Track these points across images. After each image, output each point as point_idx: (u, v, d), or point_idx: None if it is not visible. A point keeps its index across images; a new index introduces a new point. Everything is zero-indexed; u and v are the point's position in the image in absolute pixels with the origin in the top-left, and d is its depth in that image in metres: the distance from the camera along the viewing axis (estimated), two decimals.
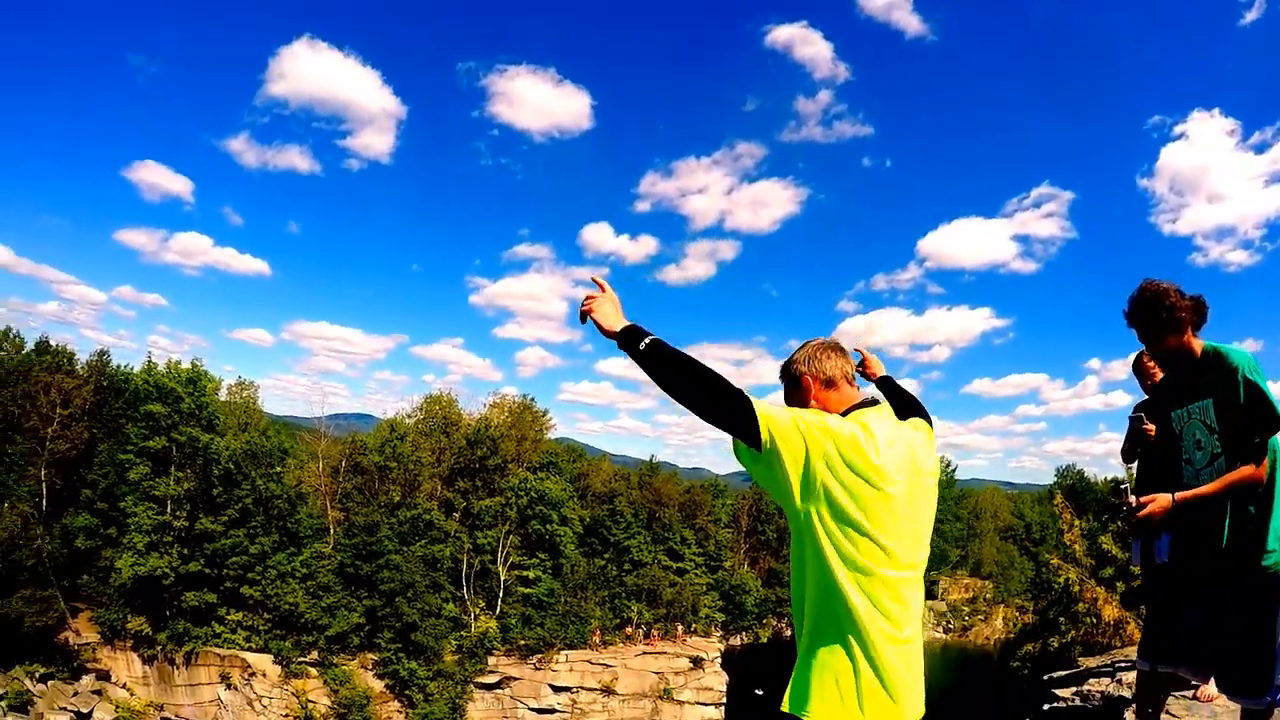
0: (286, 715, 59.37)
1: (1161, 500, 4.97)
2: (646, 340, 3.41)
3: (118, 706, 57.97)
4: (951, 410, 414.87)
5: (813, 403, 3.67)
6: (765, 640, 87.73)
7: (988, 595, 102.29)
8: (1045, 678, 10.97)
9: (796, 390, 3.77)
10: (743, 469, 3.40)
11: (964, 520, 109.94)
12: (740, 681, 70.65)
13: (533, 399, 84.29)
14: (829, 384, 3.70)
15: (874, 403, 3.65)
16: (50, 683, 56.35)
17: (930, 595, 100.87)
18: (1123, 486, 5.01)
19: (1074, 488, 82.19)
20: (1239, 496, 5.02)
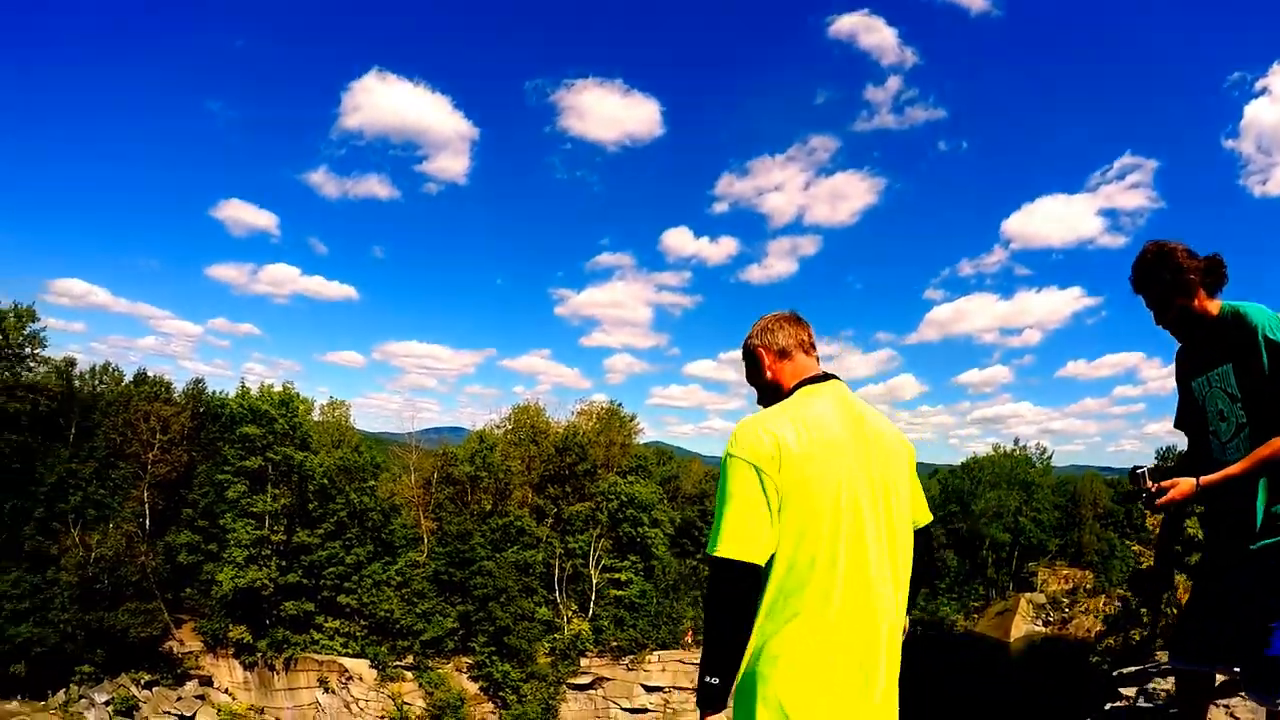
0: (382, 717, 60.29)
1: (1183, 485, 4.53)
2: (713, 680, 3.12)
3: (219, 710, 60.09)
4: (1046, 395, 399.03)
5: (768, 374, 3.72)
6: None
7: (1088, 585, 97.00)
8: (1115, 674, 10.02)
9: (753, 364, 3.80)
10: None
11: (1063, 508, 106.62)
12: None
13: (620, 404, 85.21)
14: (782, 354, 3.71)
15: (825, 378, 3.61)
16: (155, 689, 59.20)
17: (1028, 587, 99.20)
18: (1140, 471, 4.63)
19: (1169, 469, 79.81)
20: (1274, 472, 4.42)
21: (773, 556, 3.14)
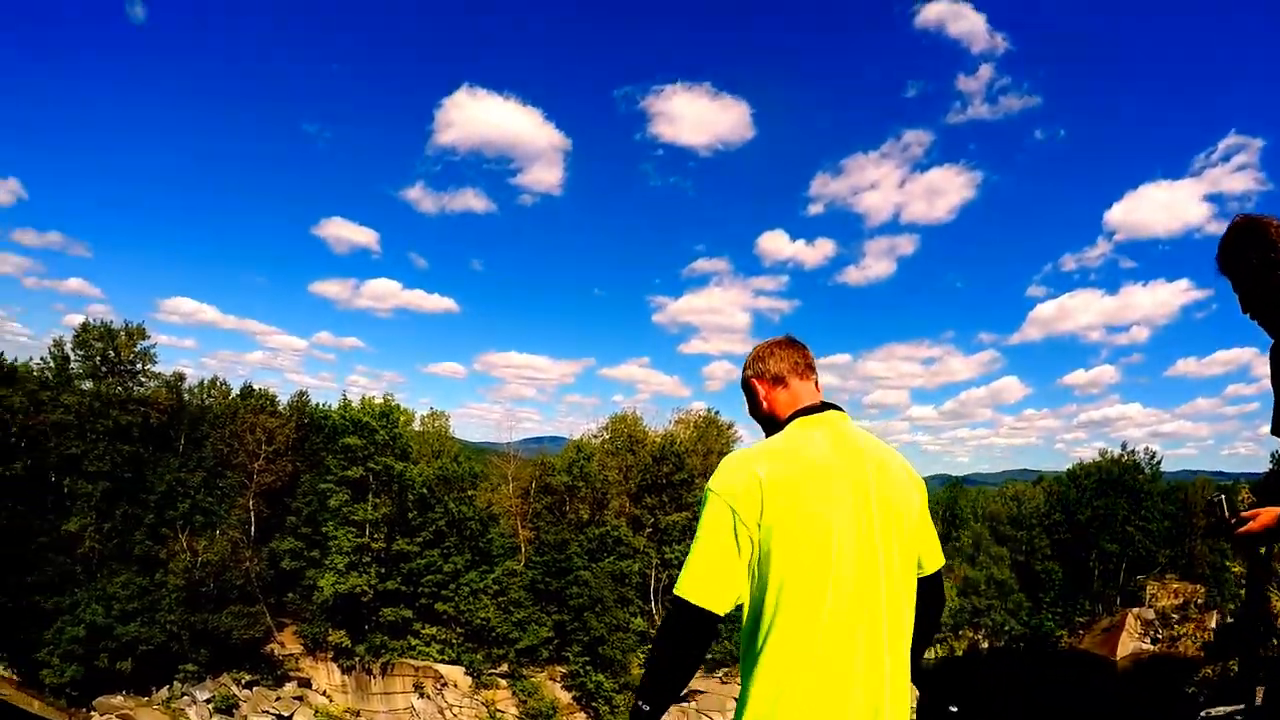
0: None
1: (1266, 515, 3.71)
2: (644, 706, 3.10)
3: (316, 711, 61.17)
4: (1156, 395, 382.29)
5: (764, 405, 3.54)
6: (961, 653, 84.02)
7: (1199, 600, 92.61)
8: (1203, 715, 8.39)
9: (750, 397, 3.63)
10: (938, 473, 3.16)
11: (1173, 517, 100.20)
12: (932, 697, 67.48)
13: (717, 412, 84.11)
14: (776, 381, 3.53)
15: (822, 408, 3.40)
16: (255, 689, 60.79)
17: (1136, 601, 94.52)
18: (1216, 500, 3.95)
19: None
20: None
21: (759, 605, 3.01)
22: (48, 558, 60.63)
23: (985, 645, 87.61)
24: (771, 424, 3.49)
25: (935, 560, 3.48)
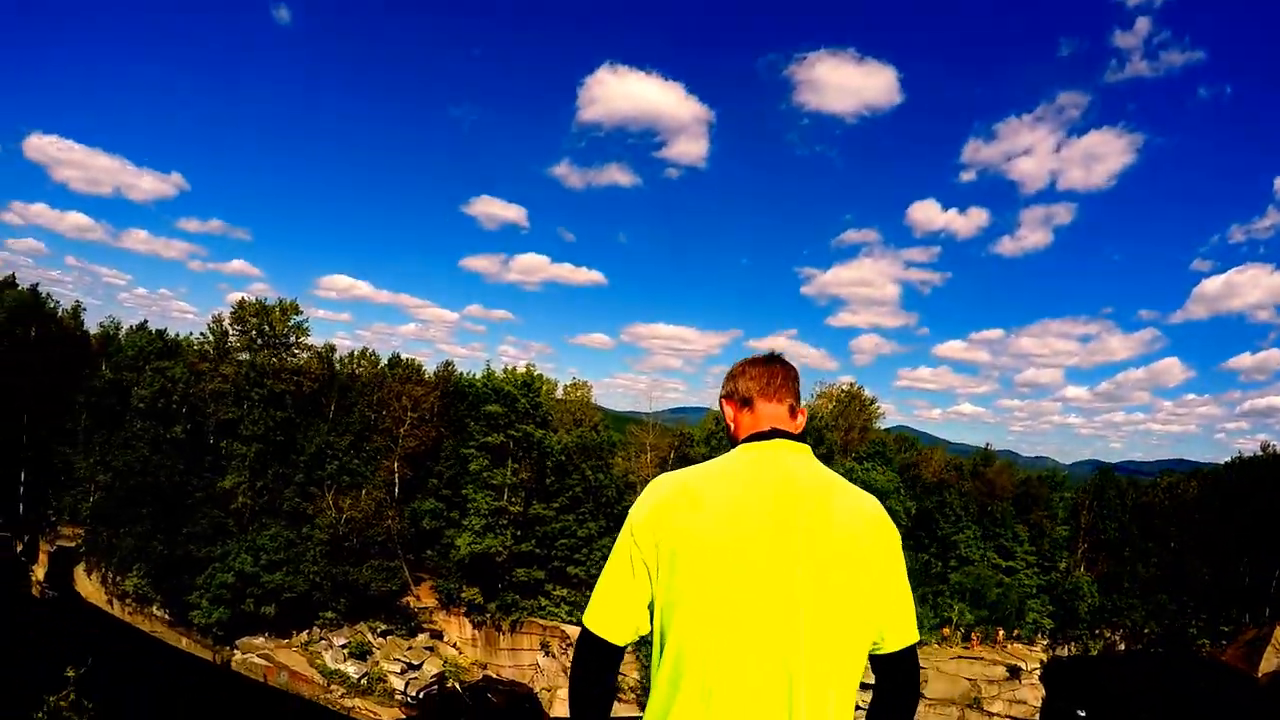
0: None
1: None
2: None
3: (445, 661, 62.36)
4: None
5: (730, 426, 3.33)
6: (1096, 653, 79.79)
7: None
8: None
9: (725, 416, 3.42)
10: (1089, 459, 2.93)
11: None
12: (1058, 697, 64.29)
13: (861, 387, 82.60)
14: (744, 403, 3.28)
15: (770, 435, 3.13)
16: (389, 637, 62.52)
17: None
18: None
19: None
20: None
21: (657, 633, 2.90)
22: (203, 511, 63.50)
23: (1122, 646, 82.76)
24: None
25: (903, 635, 3.00)
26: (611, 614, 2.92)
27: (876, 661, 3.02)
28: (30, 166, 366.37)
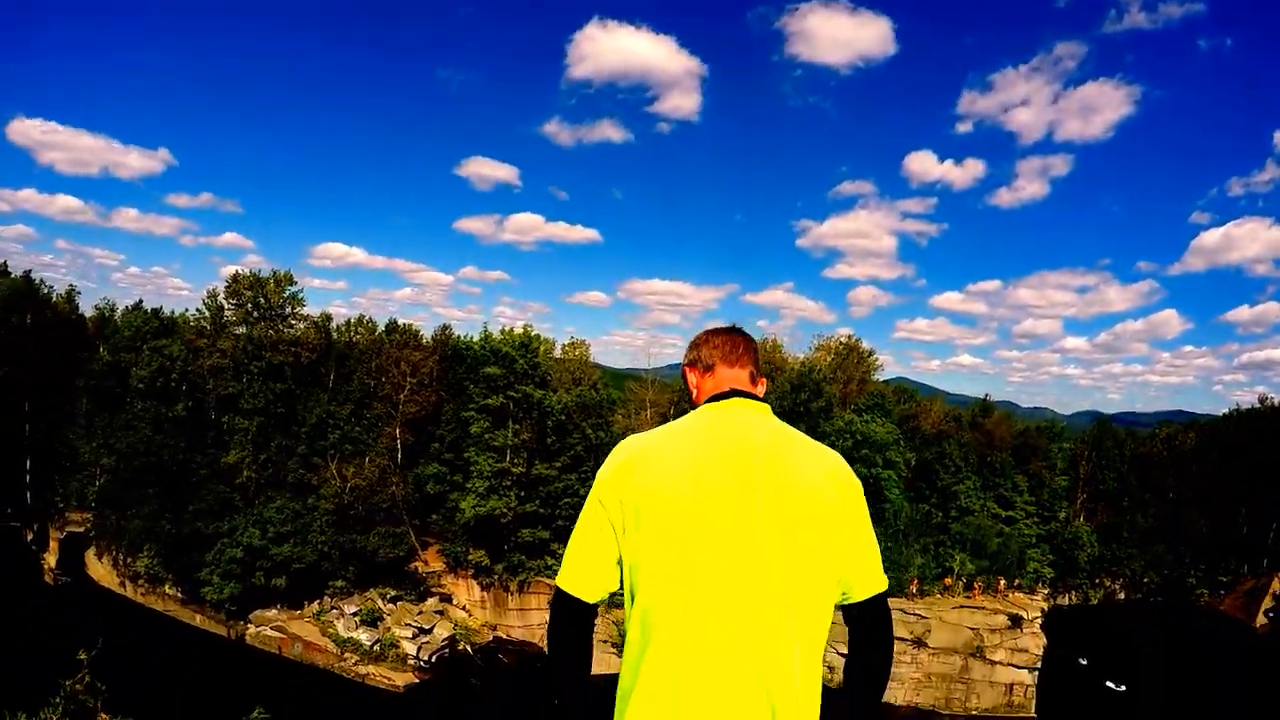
0: (605, 640, 60.22)
1: None
2: (557, 703, 3.03)
3: (455, 624, 62.72)
4: None
5: (693, 392, 3.37)
6: (1095, 602, 79.85)
7: None
8: None
9: (686, 387, 3.49)
10: (1087, 410, 2.73)
11: None
12: (1059, 645, 64.03)
13: (859, 339, 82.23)
14: (707, 369, 3.33)
15: (729, 395, 3.18)
16: (399, 603, 62.63)
17: None
18: None
19: None
20: None
21: (628, 590, 2.93)
22: (208, 488, 63.52)
23: (1122, 596, 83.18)
24: None
25: (870, 584, 3.02)
26: (582, 573, 2.99)
27: (848, 612, 3.06)
28: (15, 151, 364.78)
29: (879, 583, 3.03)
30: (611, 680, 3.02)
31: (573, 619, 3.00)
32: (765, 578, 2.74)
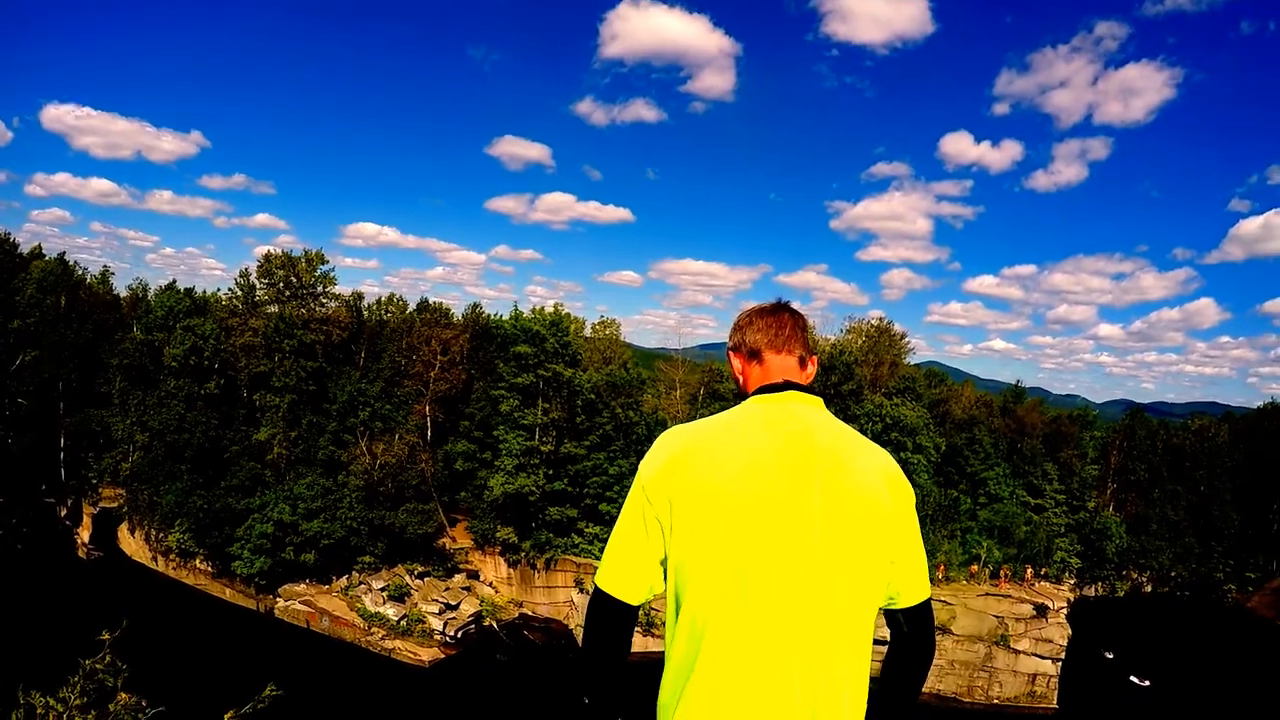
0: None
1: None
2: (586, 700, 2.96)
3: (482, 600, 62.98)
4: None
5: (739, 379, 3.21)
6: (1122, 594, 79.07)
7: None
8: None
9: (732, 369, 3.29)
10: (1120, 398, 2.55)
11: None
12: (1084, 637, 63.01)
13: (891, 322, 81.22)
14: (753, 355, 3.14)
15: (783, 387, 3.02)
16: (426, 579, 63.00)
17: None
18: None
19: None
20: None
21: (673, 589, 2.79)
22: (240, 464, 64.10)
23: (1148, 588, 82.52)
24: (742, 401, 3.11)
25: (917, 591, 2.98)
26: (625, 573, 2.84)
27: (892, 616, 3.02)
28: (49, 137, 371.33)
29: (925, 589, 2.99)
30: (641, 661, 2.85)
31: (613, 621, 2.86)
32: (819, 582, 2.64)
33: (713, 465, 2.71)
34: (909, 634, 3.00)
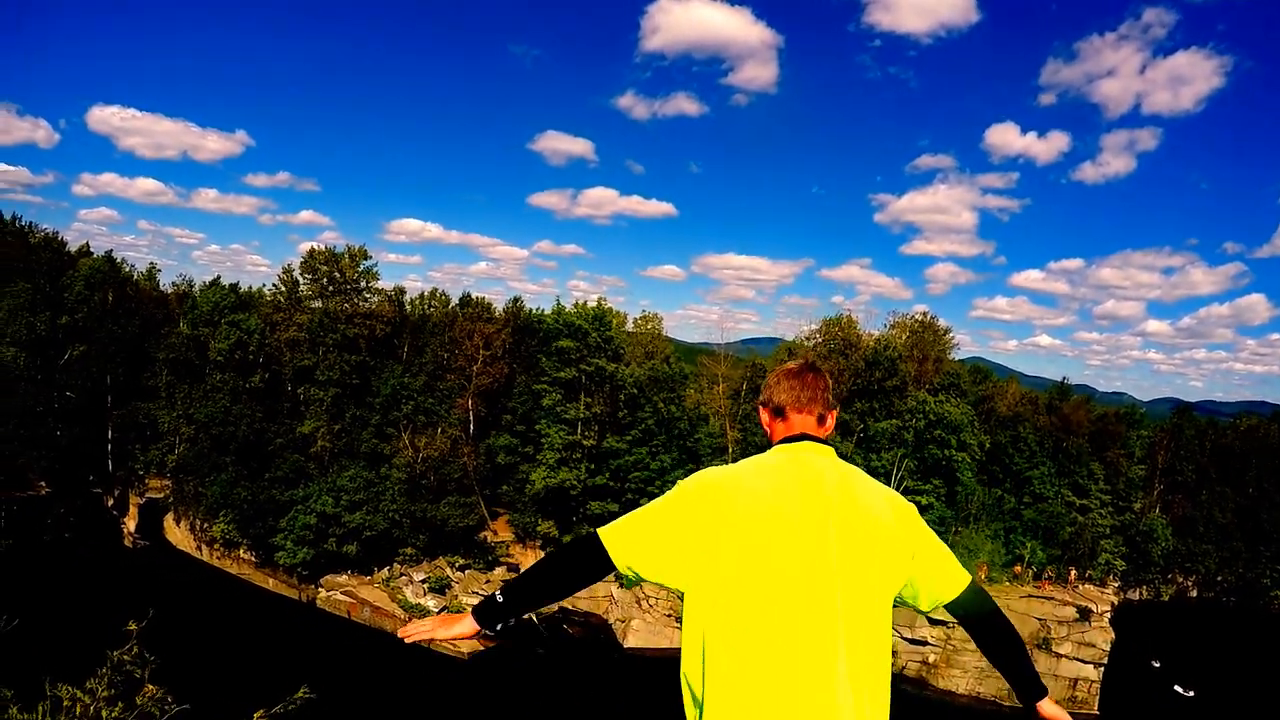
0: (669, 614, 59.63)
1: None
2: (498, 596, 3.21)
3: None
4: None
5: (766, 430, 3.46)
6: (1167, 599, 77.46)
7: None
8: None
9: (761, 420, 3.53)
10: (1167, 396, 2.43)
11: None
12: (1128, 643, 60.76)
13: (935, 317, 79.53)
14: (777, 412, 3.38)
15: (800, 439, 3.25)
16: (467, 571, 63.02)
17: None
18: None
19: None
20: None
21: (698, 622, 2.84)
22: (284, 456, 64.31)
23: (1194, 593, 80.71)
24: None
25: (955, 582, 3.24)
26: (630, 540, 3.00)
27: (954, 612, 3.30)
28: (95, 138, 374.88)
29: (963, 576, 3.25)
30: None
31: (586, 561, 3.06)
32: (843, 595, 2.79)
33: (745, 492, 2.95)
34: (973, 609, 3.30)
